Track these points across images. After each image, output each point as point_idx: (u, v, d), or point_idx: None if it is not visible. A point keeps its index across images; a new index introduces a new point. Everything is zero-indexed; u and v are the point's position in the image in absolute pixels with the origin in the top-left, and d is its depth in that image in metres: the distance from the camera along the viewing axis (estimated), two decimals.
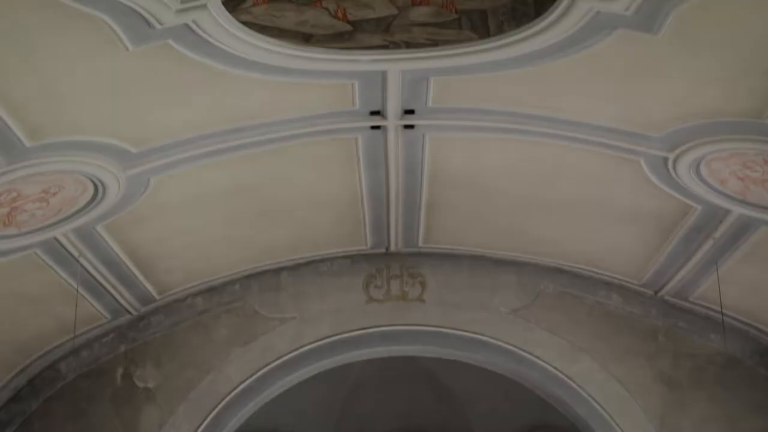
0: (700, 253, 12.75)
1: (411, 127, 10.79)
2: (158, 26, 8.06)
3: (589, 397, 14.52)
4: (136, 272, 13.36)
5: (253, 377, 14.66)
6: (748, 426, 14.24)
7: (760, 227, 11.51)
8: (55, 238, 11.41)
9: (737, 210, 11.23)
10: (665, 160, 10.45)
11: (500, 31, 8.64)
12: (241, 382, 14.62)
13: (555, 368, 14.65)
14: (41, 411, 14.38)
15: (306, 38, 8.71)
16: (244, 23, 8.38)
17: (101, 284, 13.17)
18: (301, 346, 14.75)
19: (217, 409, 14.52)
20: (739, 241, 12.00)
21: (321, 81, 9.66)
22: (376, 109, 10.42)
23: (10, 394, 14.06)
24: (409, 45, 8.95)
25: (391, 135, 10.98)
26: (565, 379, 14.60)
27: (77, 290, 12.57)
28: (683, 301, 14.41)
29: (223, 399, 14.55)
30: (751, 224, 11.52)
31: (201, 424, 14.46)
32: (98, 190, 10.51)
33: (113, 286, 13.43)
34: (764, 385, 14.40)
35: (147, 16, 7.90)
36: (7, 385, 13.94)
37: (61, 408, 14.27)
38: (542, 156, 11.14)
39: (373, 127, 10.78)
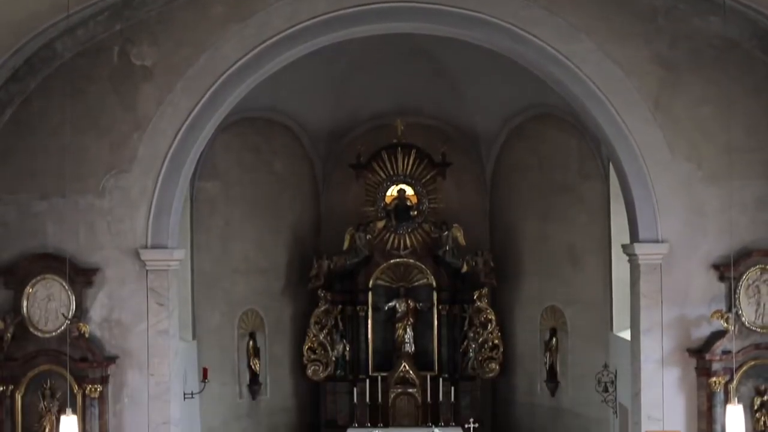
0: None
1: None
2: None
3: (585, 77, 14.57)
4: None
5: (250, 54, 14.62)
6: (742, 108, 14.39)
7: None
8: None
9: None
10: None
11: None
12: (238, 60, 14.60)
13: (552, 47, 14.59)
14: (40, 90, 14.47)
15: None
16: None
17: None
18: (298, 23, 14.59)
19: (214, 87, 14.61)
20: None
21: None
22: None
23: (8, 74, 14.05)
24: None
25: None
26: (562, 58, 14.59)
27: None
28: None
29: (220, 76, 14.61)
30: None
31: (199, 102, 14.58)
32: None
33: None
34: (761, 68, 14.43)
35: None
36: (5, 65, 13.88)
37: (59, 86, 14.33)
38: None
39: None
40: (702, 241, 14.61)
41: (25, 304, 14.44)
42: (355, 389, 20.06)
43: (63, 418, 12.38)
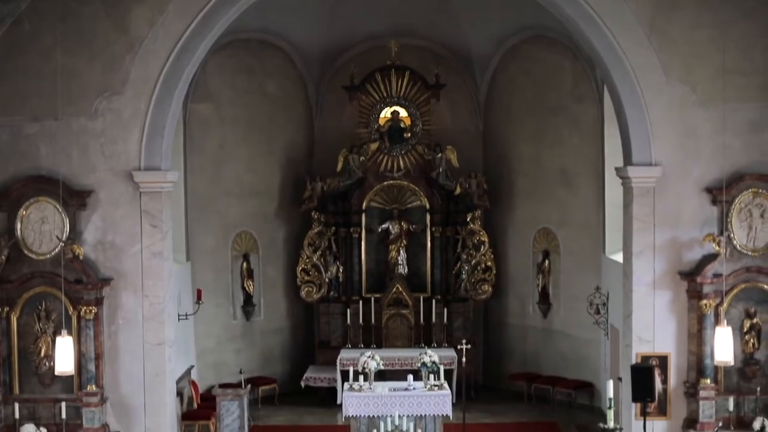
0: None
1: None
2: None
3: None
4: None
5: None
6: (737, 31, 14.29)
7: None
8: None
9: None
10: None
11: None
12: None
13: None
14: (30, 11, 14.26)
15: None
16: None
17: None
18: None
19: (207, 8, 14.44)
20: None
21: None
22: None
23: None
24: None
25: None
26: None
27: None
28: None
29: None
30: None
31: (191, 23, 14.44)
32: None
33: None
34: None
35: None
36: None
37: (50, 8, 14.14)
38: None
39: None
40: (695, 164, 14.62)
41: (18, 226, 14.45)
42: (348, 310, 20.21)
43: (58, 339, 12.51)
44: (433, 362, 17.04)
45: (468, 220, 20.45)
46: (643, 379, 13.96)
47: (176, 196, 17.23)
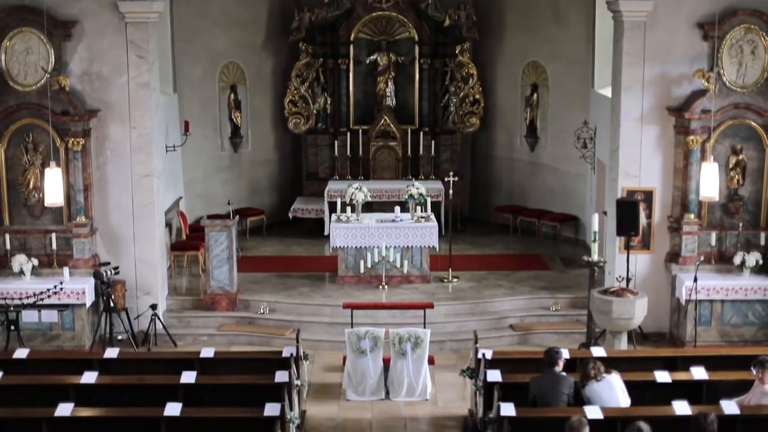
0: None
1: None
2: None
3: None
4: None
5: None
6: None
7: None
8: None
9: None
10: None
11: None
12: None
13: None
14: None
15: None
16: None
17: None
18: None
19: None
20: None
21: None
22: None
23: None
24: None
25: None
26: None
27: None
28: None
29: None
30: None
31: None
32: None
33: None
34: None
35: None
36: None
37: None
38: None
39: None
40: None
41: (3, 57, 14.26)
42: (336, 142, 20.24)
43: (47, 171, 12.52)
44: (420, 194, 17.20)
45: (457, 52, 20.28)
46: (628, 213, 14.15)
47: (162, 28, 16.98)
